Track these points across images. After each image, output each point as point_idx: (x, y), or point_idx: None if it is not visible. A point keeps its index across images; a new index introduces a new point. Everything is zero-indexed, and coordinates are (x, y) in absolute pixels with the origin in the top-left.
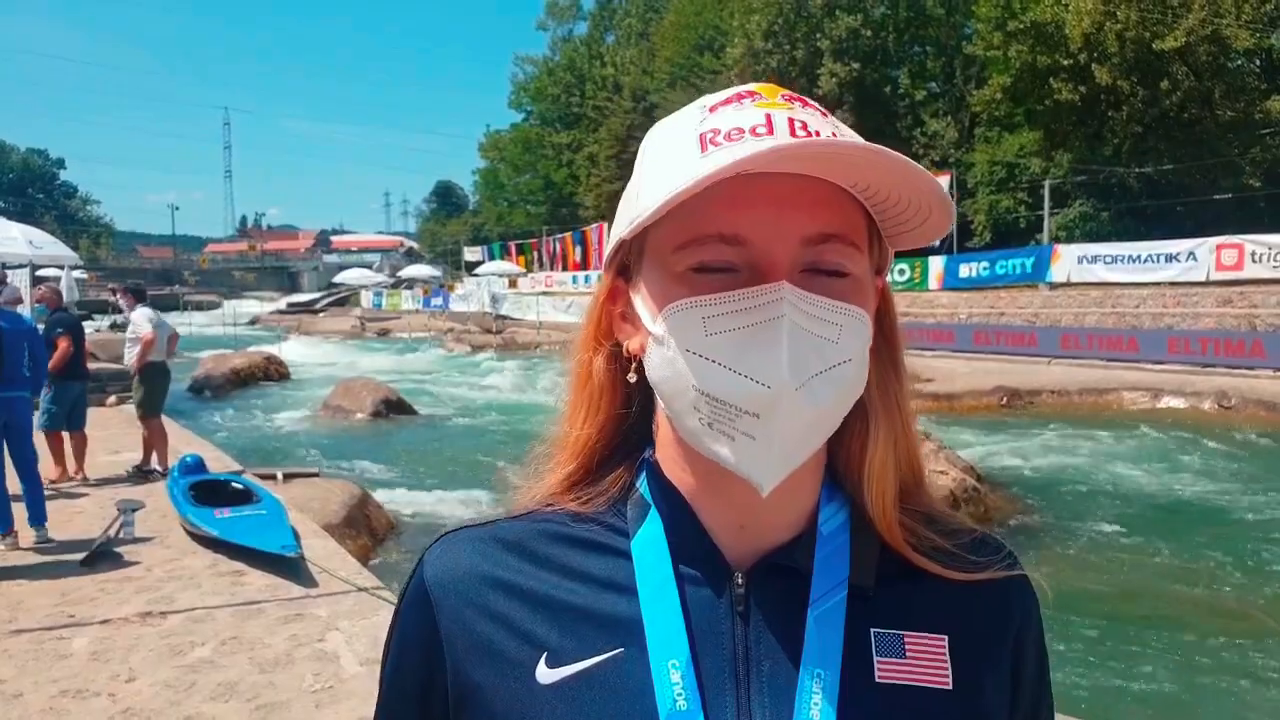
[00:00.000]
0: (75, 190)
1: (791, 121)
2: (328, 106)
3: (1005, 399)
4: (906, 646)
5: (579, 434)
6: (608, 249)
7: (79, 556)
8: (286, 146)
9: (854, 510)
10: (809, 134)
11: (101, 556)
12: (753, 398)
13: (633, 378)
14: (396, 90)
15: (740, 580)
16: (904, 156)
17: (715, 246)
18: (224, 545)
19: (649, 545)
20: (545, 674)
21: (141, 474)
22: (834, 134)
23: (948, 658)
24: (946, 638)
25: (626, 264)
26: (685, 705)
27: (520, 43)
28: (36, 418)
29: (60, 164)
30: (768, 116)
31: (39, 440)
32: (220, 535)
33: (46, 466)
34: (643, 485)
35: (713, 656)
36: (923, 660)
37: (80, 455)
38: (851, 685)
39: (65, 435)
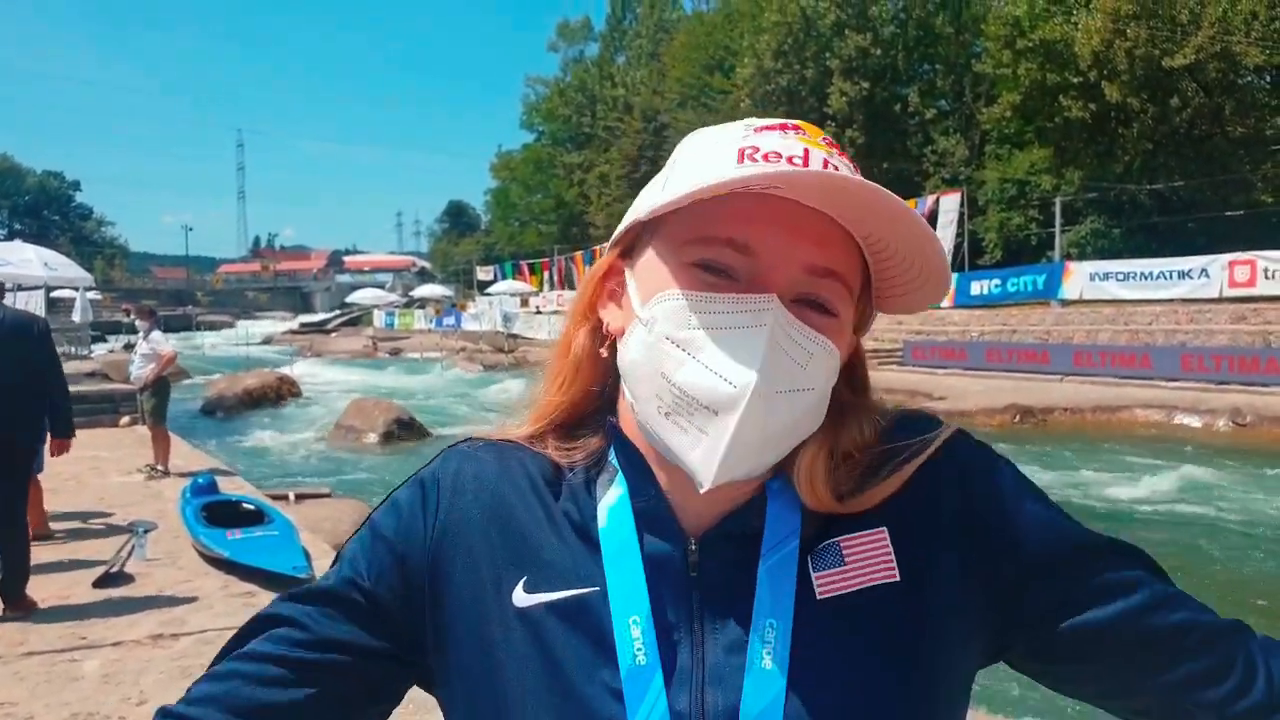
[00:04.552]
0: (90, 212)
1: (825, 162)
2: (340, 127)
3: (1018, 417)
4: (845, 552)
5: (551, 399)
6: (619, 228)
7: (91, 578)
8: (299, 167)
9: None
10: None
11: (113, 578)
12: (715, 394)
13: (604, 353)
14: (408, 111)
15: (694, 546)
16: (920, 217)
17: (722, 249)
18: (236, 566)
19: (615, 510)
20: (521, 597)
21: (157, 473)
22: None
23: (890, 549)
24: (885, 529)
25: (632, 245)
26: (645, 660)
27: (532, 64)
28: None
29: (76, 186)
30: (806, 150)
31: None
32: (232, 556)
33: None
34: (611, 451)
35: (671, 617)
36: (864, 560)
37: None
38: (798, 615)
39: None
